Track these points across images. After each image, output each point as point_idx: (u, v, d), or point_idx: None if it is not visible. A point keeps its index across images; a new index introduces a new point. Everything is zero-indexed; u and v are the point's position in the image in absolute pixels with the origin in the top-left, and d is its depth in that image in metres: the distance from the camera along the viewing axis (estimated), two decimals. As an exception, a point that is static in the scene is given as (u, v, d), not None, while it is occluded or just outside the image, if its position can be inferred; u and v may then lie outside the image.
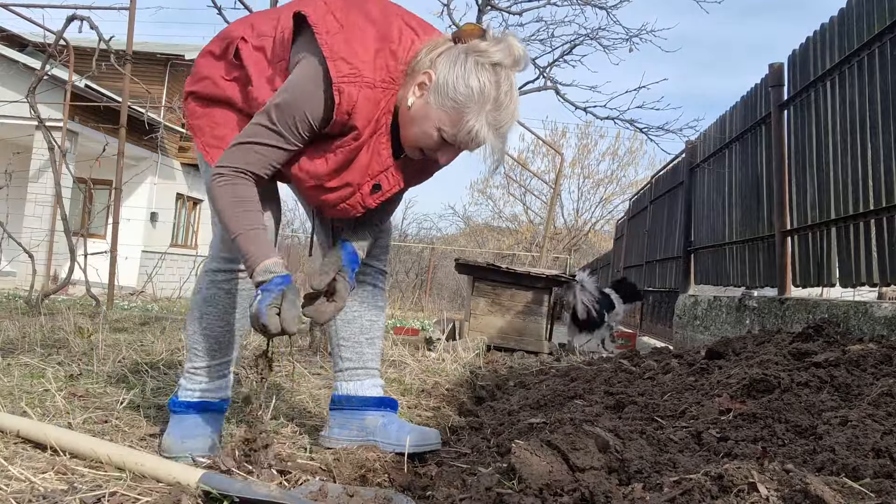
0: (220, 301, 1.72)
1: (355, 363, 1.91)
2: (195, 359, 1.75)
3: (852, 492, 1.09)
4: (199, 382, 1.75)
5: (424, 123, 1.55)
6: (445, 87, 1.52)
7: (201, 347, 1.74)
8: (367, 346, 1.92)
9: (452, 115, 1.52)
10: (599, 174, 27.31)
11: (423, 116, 1.55)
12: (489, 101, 1.52)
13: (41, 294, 5.50)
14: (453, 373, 3.29)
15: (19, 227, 10.44)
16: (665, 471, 1.33)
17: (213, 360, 1.76)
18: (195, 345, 1.74)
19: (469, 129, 1.52)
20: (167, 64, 15.59)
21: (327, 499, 1.30)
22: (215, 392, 1.78)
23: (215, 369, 1.77)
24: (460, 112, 1.52)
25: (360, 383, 1.89)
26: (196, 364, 1.74)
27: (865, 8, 3.89)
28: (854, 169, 3.95)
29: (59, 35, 6.07)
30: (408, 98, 1.56)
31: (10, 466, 1.38)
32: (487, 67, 1.52)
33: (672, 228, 8.22)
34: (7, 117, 11.16)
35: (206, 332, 1.73)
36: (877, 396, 1.78)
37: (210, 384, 1.76)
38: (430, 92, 1.54)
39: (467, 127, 1.52)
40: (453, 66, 1.53)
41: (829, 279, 4.21)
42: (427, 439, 1.82)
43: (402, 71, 1.57)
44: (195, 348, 1.74)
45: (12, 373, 2.40)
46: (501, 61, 1.53)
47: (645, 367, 3.09)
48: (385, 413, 1.87)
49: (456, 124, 1.53)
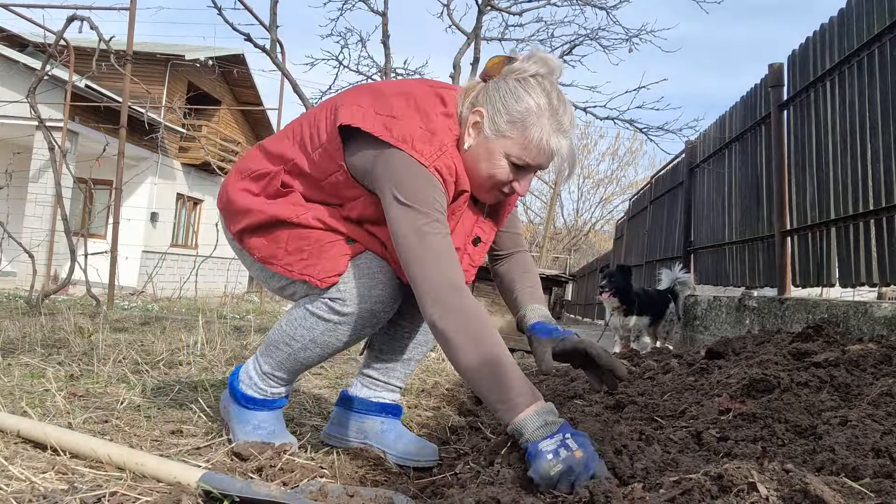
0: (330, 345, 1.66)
1: (380, 376, 1.87)
2: (278, 370, 1.69)
3: (852, 492, 1.09)
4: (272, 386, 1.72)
5: (490, 157, 1.54)
6: (498, 115, 1.52)
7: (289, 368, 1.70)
8: (400, 365, 1.87)
9: (516, 136, 1.52)
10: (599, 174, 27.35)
11: (486, 151, 1.54)
12: (545, 110, 1.52)
13: (41, 294, 5.50)
14: (453, 373, 3.30)
15: (19, 227, 10.45)
16: (665, 471, 1.33)
17: (295, 377, 1.76)
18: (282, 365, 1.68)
19: (538, 141, 1.51)
20: (167, 64, 15.59)
21: (327, 499, 1.30)
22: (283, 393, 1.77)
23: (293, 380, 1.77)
24: (523, 130, 1.51)
25: (373, 391, 1.87)
26: (278, 374, 1.71)
27: (865, 8, 3.89)
28: (854, 169, 3.95)
29: (60, 35, 6.07)
30: (465, 142, 1.55)
31: (10, 466, 1.38)
32: (530, 81, 1.53)
33: (672, 228, 8.22)
34: (7, 117, 11.17)
35: (302, 362, 1.68)
36: (877, 396, 1.78)
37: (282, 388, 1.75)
38: (484, 127, 1.53)
39: (535, 140, 1.51)
40: (498, 93, 1.54)
41: (829, 279, 4.21)
42: (422, 454, 1.77)
43: (458, 125, 1.57)
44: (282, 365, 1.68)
45: (12, 373, 2.40)
46: (538, 71, 1.55)
47: (645, 367, 3.09)
48: (385, 419, 1.85)
49: (523, 143, 1.52)
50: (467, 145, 1.55)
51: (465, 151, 1.56)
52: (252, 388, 1.72)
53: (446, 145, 1.51)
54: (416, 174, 1.46)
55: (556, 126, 1.53)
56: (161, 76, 15.53)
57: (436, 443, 1.95)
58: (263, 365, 1.70)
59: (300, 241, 1.58)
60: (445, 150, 1.50)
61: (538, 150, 1.53)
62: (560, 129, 1.54)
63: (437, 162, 1.48)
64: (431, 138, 1.49)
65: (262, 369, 1.71)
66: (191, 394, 2.33)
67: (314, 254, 1.57)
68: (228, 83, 18.21)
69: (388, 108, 1.53)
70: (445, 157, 1.49)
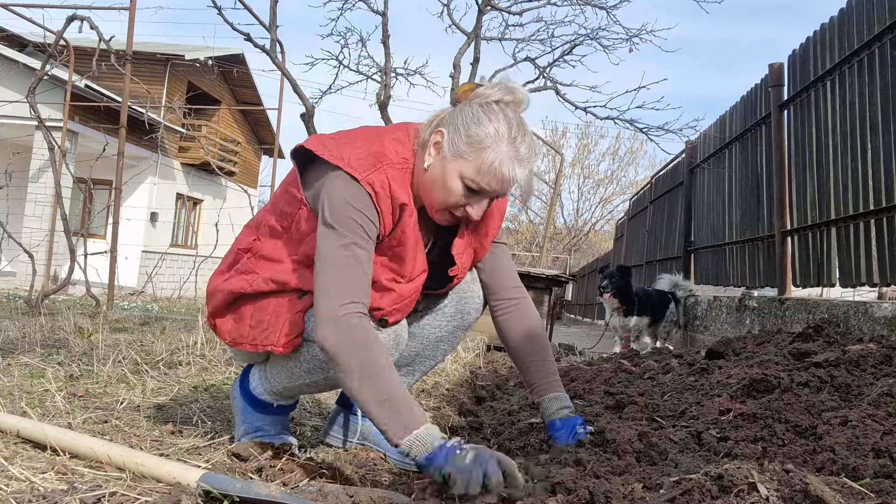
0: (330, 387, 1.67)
1: None
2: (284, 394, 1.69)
3: (852, 492, 1.09)
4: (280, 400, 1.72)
5: (446, 177, 1.54)
6: (458, 135, 1.53)
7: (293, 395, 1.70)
8: (404, 374, 1.85)
9: (472, 158, 1.52)
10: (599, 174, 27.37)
11: (443, 171, 1.55)
12: (503, 136, 1.53)
13: (41, 294, 5.50)
14: (453, 373, 3.29)
15: (19, 227, 10.45)
16: (665, 471, 1.33)
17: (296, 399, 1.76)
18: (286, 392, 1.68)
19: (491, 166, 1.52)
20: (167, 64, 15.58)
21: (327, 499, 1.30)
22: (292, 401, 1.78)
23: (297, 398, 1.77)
24: (479, 153, 1.52)
25: None
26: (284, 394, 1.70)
27: (865, 8, 3.89)
28: (854, 169, 3.95)
29: (59, 35, 6.07)
30: (424, 161, 1.57)
31: (10, 466, 1.38)
32: (493, 107, 1.55)
33: (672, 228, 8.22)
34: (7, 117, 11.17)
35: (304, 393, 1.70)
36: (877, 396, 1.78)
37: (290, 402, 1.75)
38: (444, 147, 1.55)
39: (489, 164, 1.51)
40: (461, 116, 1.55)
41: (829, 279, 4.21)
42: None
43: (412, 150, 1.59)
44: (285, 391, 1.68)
45: (12, 373, 2.40)
46: (502, 98, 1.56)
47: (645, 367, 3.09)
48: None
49: (477, 166, 1.52)
50: (426, 164, 1.57)
51: (423, 171, 1.57)
52: (264, 395, 1.71)
53: (383, 163, 1.52)
54: (344, 194, 1.48)
55: (513, 153, 1.53)
56: (161, 76, 15.53)
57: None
58: (269, 382, 1.69)
59: (261, 314, 1.59)
60: (380, 166, 1.51)
61: (491, 175, 1.53)
62: (517, 157, 1.54)
63: (369, 176, 1.49)
64: (369, 156, 1.51)
65: (266, 386, 1.70)
66: (191, 394, 2.33)
67: (273, 322, 1.57)
68: (228, 83, 18.20)
69: (337, 135, 1.58)
70: (379, 172, 1.50)
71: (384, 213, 1.51)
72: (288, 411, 1.77)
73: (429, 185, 1.57)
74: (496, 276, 1.83)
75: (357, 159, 1.50)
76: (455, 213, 1.59)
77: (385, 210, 1.51)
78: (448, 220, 1.62)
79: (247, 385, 1.73)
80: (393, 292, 1.57)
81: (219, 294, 1.65)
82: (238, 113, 19.38)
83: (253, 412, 1.72)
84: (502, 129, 1.53)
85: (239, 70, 15.93)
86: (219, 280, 1.67)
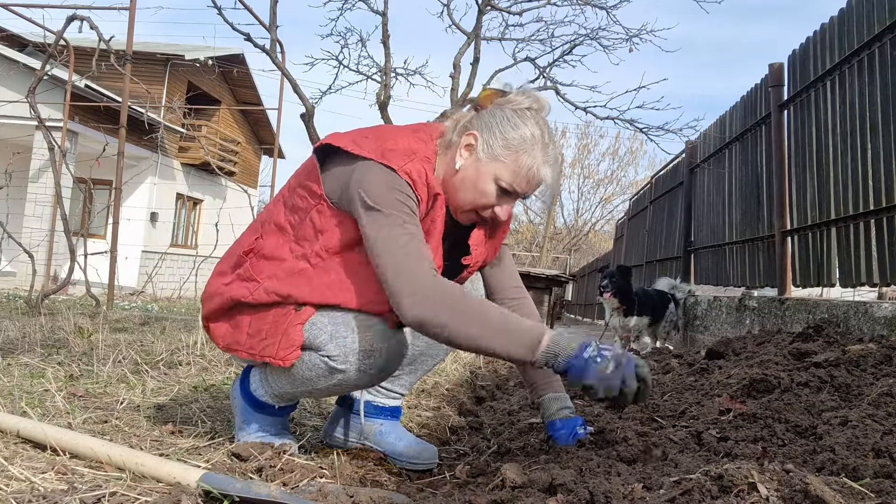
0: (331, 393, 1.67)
1: (385, 384, 1.85)
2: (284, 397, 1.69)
3: (852, 492, 1.09)
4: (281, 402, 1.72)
5: (479, 179, 1.58)
6: (494, 138, 1.57)
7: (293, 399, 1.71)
8: (404, 375, 1.86)
9: (508, 161, 1.56)
10: (599, 174, 27.38)
11: (476, 172, 1.58)
12: (538, 141, 1.58)
13: (41, 294, 5.50)
14: (453, 373, 3.30)
15: (19, 227, 10.44)
16: (665, 471, 1.34)
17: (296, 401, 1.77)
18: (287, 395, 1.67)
19: (528, 169, 1.57)
20: (167, 64, 15.58)
21: (327, 499, 1.30)
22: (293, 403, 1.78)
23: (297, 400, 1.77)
24: (515, 157, 1.56)
25: (373, 396, 1.86)
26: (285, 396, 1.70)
27: (865, 8, 3.89)
28: (854, 169, 3.95)
29: (59, 35, 6.07)
30: (455, 162, 1.60)
31: (10, 466, 1.38)
32: (526, 113, 1.60)
33: (672, 228, 8.22)
34: (7, 117, 11.17)
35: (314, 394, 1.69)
36: (877, 396, 1.78)
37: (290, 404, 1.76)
38: (478, 150, 1.58)
39: (526, 167, 1.56)
40: (494, 119, 1.59)
41: (829, 279, 4.21)
42: (422, 456, 1.76)
43: (434, 151, 1.62)
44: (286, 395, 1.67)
45: (12, 373, 2.40)
46: (532, 106, 1.62)
47: (645, 367, 3.09)
48: (384, 421, 1.85)
49: (515, 169, 1.57)
50: (458, 165, 1.59)
51: (454, 172, 1.60)
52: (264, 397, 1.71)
53: (416, 154, 1.55)
54: (384, 179, 1.49)
55: (546, 157, 1.59)
56: (161, 76, 15.52)
57: (436, 443, 1.95)
58: (270, 386, 1.69)
59: (259, 323, 1.59)
60: (415, 157, 1.54)
61: (527, 177, 1.58)
62: (549, 161, 1.59)
63: (406, 166, 1.51)
64: (400, 150, 1.54)
65: (267, 389, 1.70)
66: (191, 394, 2.33)
67: (272, 333, 1.57)
68: (228, 83, 18.20)
69: (361, 133, 1.60)
70: (415, 163, 1.53)
71: (422, 201, 1.54)
72: (288, 412, 1.77)
73: (458, 186, 1.60)
74: (498, 276, 1.86)
75: (389, 151, 1.53)
76: (482, 214, 1.62)
77: (423, 198, 1.54)
78: (473, 219, 1.65)
79: (247, 385, 1.73)
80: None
81: (217, 298, 1.65)
82: (238, 113, 19.38)
83: (253, 412, 1.72)
84: (537, 133, 1.58)
85: (239, 70, 15.92)
86: (219, 283, 1.66)
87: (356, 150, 1.52)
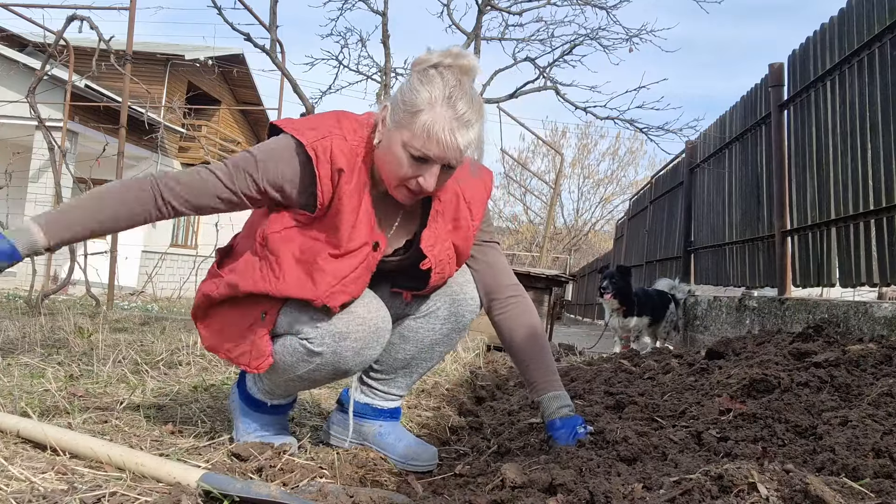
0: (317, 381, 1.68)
1: (380, 386, 1.85)
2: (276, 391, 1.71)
3: (852, 492, 1.09)
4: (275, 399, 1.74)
5: (391, 149, 1.53)
6: (397, 105, 1.53)
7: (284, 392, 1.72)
8: (401, 377, 1.84)
9: (409, 124, 1.50)
10: (599, 174, 27.38)
11: (388, 144, 1.54)
12: (437, 99, 1.50)
13: (41, 294, 5.50)
14: (453, 373, 3.29)
15: (19, 227, 10.42)
16: (665, 471, 1.33)
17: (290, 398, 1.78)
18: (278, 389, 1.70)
19: (422, 126, 1.49)
20: (167, 64, 15.58)
21: (327, 499, 1.30)
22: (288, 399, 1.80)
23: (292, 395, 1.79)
24: (414, 117, 1.50)
25: (371, 399, 1.85)
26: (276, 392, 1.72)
27: (865, 8, 3.89)
28: (854, 169, 3.95)
29: (59, 35, 6.07)
30: (375, 139, 1.58)
31: (10, 466, 1.38)
32: (429, 72, 1.53)
33: (672, 228, 8.22)
34: (7, 117, 11.17)
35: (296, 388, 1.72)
36: (877, 396, 1.78)
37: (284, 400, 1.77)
38: (387, 121, 1.55)
39: (425, 128, 1.49)
40: (399, 87, 1.58)
41: (829, 279, 4.21)
42: (422, 457, 1.75)
43: (369, 134, 1.60)
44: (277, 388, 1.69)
45: (12, 373, 2.40)
46: (441, 61, 1.54)
47: (645, 367, 3.09)
48: (384, 422, 1.84)
49: (415, 132, 1.50)
50: (377, 140, 1.58)
51: (377, 149, 1.58)
52: (259, 395, 1.73)
53: (332, 134, 1.55)
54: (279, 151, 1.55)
55: (449, 114, 1.50)
56: (161, 76, 15.52)
57: (435, 443, 1.95)
58: (261, 381, 1.71)
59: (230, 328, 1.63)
60: (329, 136, 1.54)
61: (426, 138, 1.49)
62: (455, 117, 1.50)
63: (315, 143, 1.53)
64: (321, 128, 1.55)
65: (259, 385, 1.72)
66: (191, 394, 2.33)
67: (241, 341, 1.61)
68: (228, 83, 18.20)
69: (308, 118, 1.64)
70: (325, 141, 1.54)
71: (322, 178, 1.53)
72: (285, 410, 1.77)
73: (381, 162, 1.58)
74: (490, 275, 1.81)
75: (309, 129, 1.55)
76: (409, 187, 1.56)
77: (324, 174, 1.53)
78: (407, 196, 1.59)
79: (244, 386, 1.75)
80: (325, 273, 1.54)
81: (197, 295, 1.69)
82: (238, 113, 19.38)
83: (250, 412, 1.73)
84: (436, 92, 1.50)
85: (239, 70, 15.92)
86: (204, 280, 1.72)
87: (288, 127, 1.56)
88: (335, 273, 1.54)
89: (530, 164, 25.38)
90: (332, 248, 1.55)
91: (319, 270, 1.54)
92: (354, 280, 1.58)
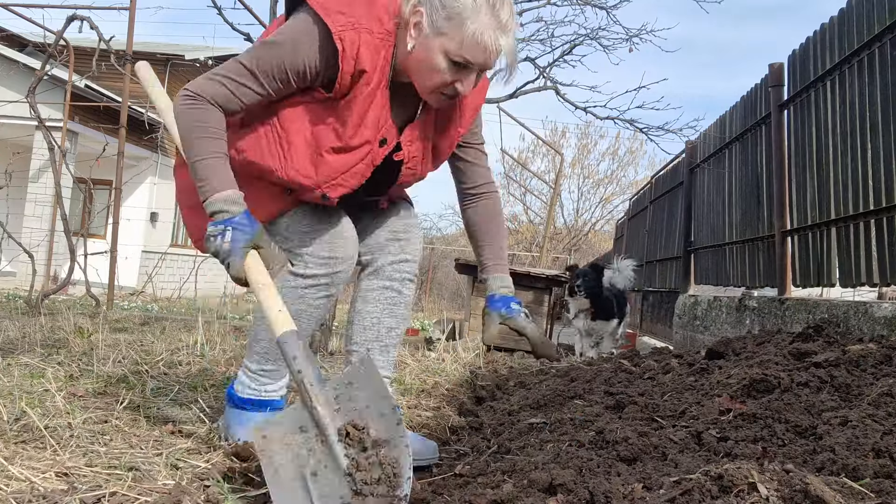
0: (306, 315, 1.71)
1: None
2: (265, 363, 1.74)
3: (852, 492, 1.09)
4: (264, 384, 1.76)
5: (430, 56, 1.53)
6: (436, 11, 1.52)
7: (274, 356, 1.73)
8: (379, 353, 1.88)
9: (452, 32, 1.51)
10: (599, 174, 27.33)
11: (426, 50, 1.53)
12: (481, 5, 1.50)
13: (41, 294, 5.50)
14: (453, 373, 3.29)
15: (19, 227, 10.44)
16: (665, 471, 1.33)
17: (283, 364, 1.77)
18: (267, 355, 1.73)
19: (473, 36, 1.50)
20: (167, 64, 15.58)
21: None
22: (278, 391, 1.80)
23: (283, 370, 1.78)
24: (458, 25, 1.50)
25: None
26: (266, 367, 1.74)
27: (865, 8, 3.89)
28: (854, 169, 3.95)
29: (59, 35, 6.07)
30: (408, 45, 1.56)
31: (10, 466, 1.38)
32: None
33: (672, 228, 8.22)
34: (7, 117, 11.16)
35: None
36: (877, 396, 1.78)
37: (275, 384, 1.78)
38: (423, 26, 1.53)
39: (471, 35, 1.49)
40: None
41: (829, 279, 4.21)
42: (422, 452, 1.77)
43: (394, 25, 1.58)
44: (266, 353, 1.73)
45: (12, 373, 2.40)
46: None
47: (645, 367, 3.09)
48: None
49: (460, 39, 1.50)
50: (410, 46, 1.56)
51: (408, 53, 1.56)
52: (247, 391, 1.74)
53: (362, 26, 1.53)
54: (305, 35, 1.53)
55: (494, 22, 1.51)
56: (161, 76, 15.51)
57: (436, 443, 1.95)
58: (251, 364, 1.75)
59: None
60: (359, 28, 1.52)
61: (475, 46, 1.50)
62: (498, 26, 1.52)
63: (343, 32, 1.51)
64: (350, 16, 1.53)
65: (250, 369, 1.75)
66: (191, 394, 2.33)
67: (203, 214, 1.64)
68: (228, 83, 18.19)
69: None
70: (352, 33, 1.51)
71: (345, 73, 1.53)
72: (277, 405, 1.79)
73: (415, 68, 1.57)
74: (468, 172, 1.90)
75: (337, 12, 1.52)
76: (445, 92, 1.58)
77: (346, 70, 1.53)
78: (441, 101, 1.61)
79: (233, 395, 1.78)
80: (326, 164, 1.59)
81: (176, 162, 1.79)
82: (238, 113, 19.37)
83: (244, 413, 1.76)
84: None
85: (239, 70, 15.91)
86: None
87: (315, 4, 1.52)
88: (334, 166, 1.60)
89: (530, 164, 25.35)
90: (336, 140, 1.58)
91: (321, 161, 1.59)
92: (354, 174, 1.64)
